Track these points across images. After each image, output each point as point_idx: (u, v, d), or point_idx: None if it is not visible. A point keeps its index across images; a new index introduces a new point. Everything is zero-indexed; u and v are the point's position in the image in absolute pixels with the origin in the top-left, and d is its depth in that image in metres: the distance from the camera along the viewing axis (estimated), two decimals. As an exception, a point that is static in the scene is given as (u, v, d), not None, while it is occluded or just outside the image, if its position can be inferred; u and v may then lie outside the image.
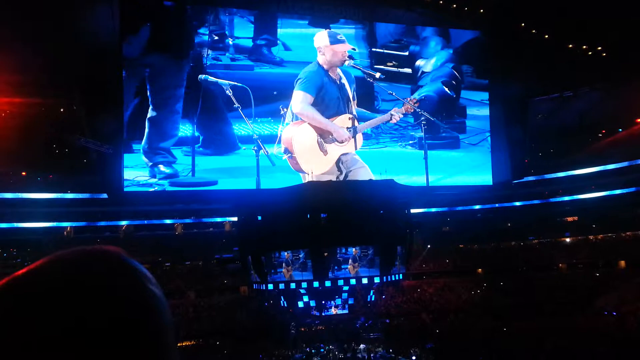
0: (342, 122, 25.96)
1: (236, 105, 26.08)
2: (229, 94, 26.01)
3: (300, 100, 25.43)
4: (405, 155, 32.53)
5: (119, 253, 1.04)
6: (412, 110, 26.88)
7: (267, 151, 26.34)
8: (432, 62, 35.06)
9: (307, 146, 25.77)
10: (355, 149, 26.46)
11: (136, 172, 28.41)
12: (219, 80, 26.37)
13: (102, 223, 42.29)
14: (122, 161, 26.82)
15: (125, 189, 27.98)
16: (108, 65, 27.30)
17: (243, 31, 30.69)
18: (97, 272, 0.96)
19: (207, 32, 30.13)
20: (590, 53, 38.24)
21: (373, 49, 32.82)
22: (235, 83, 26.66)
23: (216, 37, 30.26)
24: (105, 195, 34.30)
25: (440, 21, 33.50)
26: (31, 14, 26.04)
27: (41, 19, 26.41)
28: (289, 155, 25.59)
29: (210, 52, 29.65)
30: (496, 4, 33.68)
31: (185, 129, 29.36)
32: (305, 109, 25.31)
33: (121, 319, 0.92)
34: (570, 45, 38.12)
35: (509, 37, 33.88)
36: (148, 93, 28.25)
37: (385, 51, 32.81)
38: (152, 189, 27.58)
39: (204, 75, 26.58)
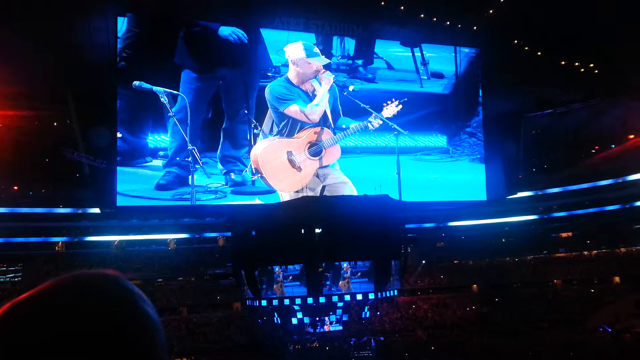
0: (309, 137, 26.01)
1: (171, 113, 25.88)
2: (164, 101, 25.78)
3: (296, 110, 25.56)
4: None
5: (116, 276, 1.15)
6: (394, 113, 26.68)
7: (201, 163, 26.12)
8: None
9: (276, 165, 25.65)
10: (330, 162, 26.34)
11: (208, 180, 28.11)
12: (154, 87, 26.06)
13: (94, 238, 41.82)
14: (115, 175, 26.54)
15: (197, 199, 27.47)
16: (102, 79, 27.19)
17: (339, 49, 31.74)
18: (96, 295, 1.08)
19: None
20: (582, 70, 38.60)
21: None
22: (171, 90, 26.39)
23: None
24: (97, 210, 33.98)
25: (434, 38, 33.72)
26: (26, 27, 26.00)
27: (36, 33, 26.35)
28: (259, 175, 25.48)
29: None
30: (490, 21, 33.98)
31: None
32: (312, 111, 25.40)
33: (118, 337, 1.04)
34: (563, 62, 38.48)
35: (503, 53, 34.14)
36: (222, 104, 28.40)
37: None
38: (215, 196, 27.40)
39: (138, 82, 26.21)
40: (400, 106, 26.90)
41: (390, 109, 26.62)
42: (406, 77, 32.54)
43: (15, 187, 39.98)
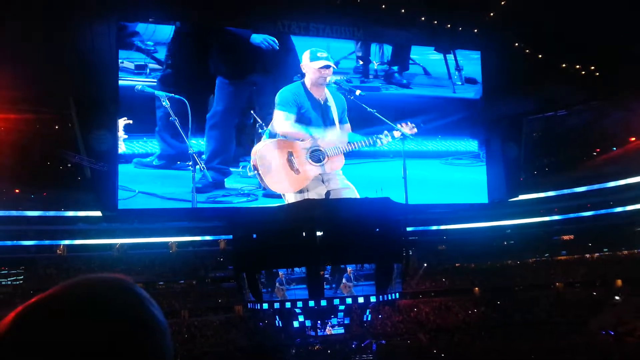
0: (312, 141, 26.03)
1: (172, 117, 25.91)
2: (166, 105, 25.81)
3: (283, 119, 25.54)
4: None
5: (125, 280, 1.18)
6: (409, 133, 26.80)
7: (202, 167, 26.12)
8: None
9: (274, 165, 25.64)
10: (332, 169, 26.33)
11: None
12: (156, 92, 26.09)
13: (96, 241, 41.86)
14: (116, 178, 26.55)
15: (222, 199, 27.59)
16: (104, 82, 27.22)
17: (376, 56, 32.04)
18: (106, 300, 1.10)
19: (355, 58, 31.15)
20: (584, 72, 38.57)
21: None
22: (173, 95, 26.45)
23: (361, 63, 31.18)
24: (99, 213, 34.00)
25: (434, 41, 33.74)
26: (26, 30, 26.07)
27: (37, 36, 26.42)
28: (256, 172, 25.46)
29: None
30: (490, 24, 33.99)
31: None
32: (289, 126, 25.43)
33: (127, 338, 1.07)
34: (564, 65, 38.45)
35: (504, 56, 34.13)
36: (255, 109, 28.63)
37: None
38: (246, 199, 27.46)
39: (140, 85, 26.27)
40: (415, 129, 27.02)
41: (404, 129, 26.70)
42: (441, 83, 32.86)
43: (17, 190, 40.08)
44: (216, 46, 28.80)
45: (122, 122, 26.41)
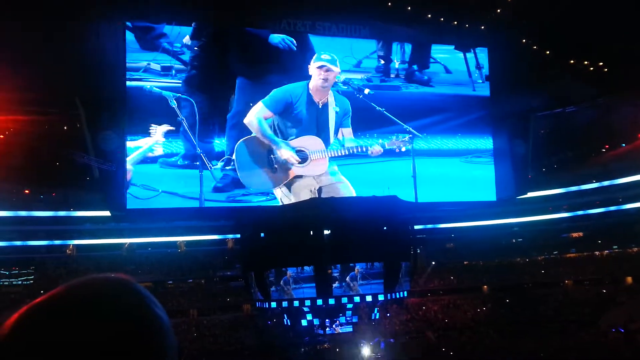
0: (300, 143, 26.00)
1: (180, 117, 25.96)
2: (173, 106, 25.86)
3: (255, 111, 25.59)
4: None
5: (128, 280, 1.19)
6: (399, 145, 26.81)
7: (210, 167, 26.16)
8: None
9: (251, 159, 25.66)
10: (312, 173, 26.31)
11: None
12: (163, 92, 26.15)
13: (105, 241, 42.09)
14: (124, 178, 26.71)
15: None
16: (111, 83, 27.36)
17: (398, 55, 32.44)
18: (108, 299, 1.11)
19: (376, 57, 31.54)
20: (592, 68, 38.33)
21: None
22: (180, 95, 26.48)
23: (382, 62, 31.68)
24: (107, 213, 34.19)
25: (441, 38, 33.65)
26: (35, 31, 26.24)
27: (45, 37, 26.59)
28: (230, 166, 25.44)
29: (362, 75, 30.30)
30: (498, 20, 33.84)
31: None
32: (255, 121, 25.45)
33: (130, 338, 1.08)
34: (572, 61, 38.23)
35: (511, 53, 33.98)
36: None
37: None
38: (265, 198, 27.66)
39: (149, 85, 26.36)
40: (407, 145, 27.06)
41: (395, 142, 26.71)
42: (462, 81, 32.85)
43: (27, 191, 40.39)
44: (235, 47, 28.95)
45: (163, 128, 26.56)
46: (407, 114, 28.24)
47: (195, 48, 27.83)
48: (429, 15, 33.36)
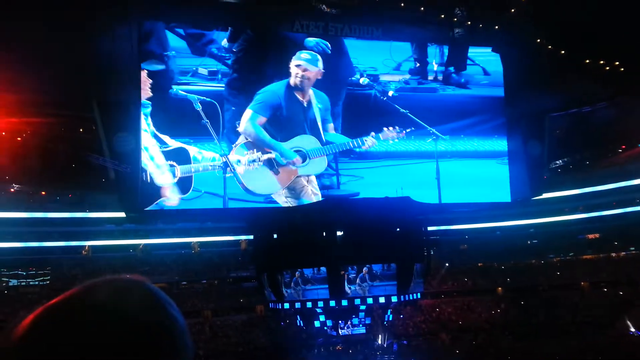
0: (296, 143, 25.99)
1: (205, 120, 26.03)
2: (198, 108, 25.94)
3: (247, 118, 25.60)
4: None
5: (143, 281, 1.20)
6: (393, 136, 26.79)
7: (233, 170, 26.14)
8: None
9: (252, 164, 25.65)
10: (314, 172, 26.26)
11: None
12: (188, 95, 26.27)
13: (120, 242, 42.52)
14: (139, 180, 26.91)
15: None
16: (127, 84, 27.59)
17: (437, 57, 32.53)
18: (124, 301, 1.12)
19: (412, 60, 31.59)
20: (607, 68, 37.86)
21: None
22: (204, 97, 26.59)
23: (418, 64, 31.65)
24: (123, 214, 34.52)
25: (454, 38, 33.47)
26: (50, 33, 26.52)
27: (61, 39, 26.86)
28: (231, 172, 25.38)
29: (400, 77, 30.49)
30: (511, 20, 33.58)
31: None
32: (250, 128, 25.48)
33: (145, 339, 1.08)
34: (588, 61, 37.81)
35: (526, 53, 33.71)
36: None
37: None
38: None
39: (176, 87, 26.52)
40: (403, 134, 27.02)
41: (389, 133, 26.73)
42: (499, 82, 32.85)
43: (43, 193, 40.94)
44: (272, 50, 29.14)
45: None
46: (443, 116, 28.35)
47: (234, 50, 28.09)
48: (442, 16, 33.20)
